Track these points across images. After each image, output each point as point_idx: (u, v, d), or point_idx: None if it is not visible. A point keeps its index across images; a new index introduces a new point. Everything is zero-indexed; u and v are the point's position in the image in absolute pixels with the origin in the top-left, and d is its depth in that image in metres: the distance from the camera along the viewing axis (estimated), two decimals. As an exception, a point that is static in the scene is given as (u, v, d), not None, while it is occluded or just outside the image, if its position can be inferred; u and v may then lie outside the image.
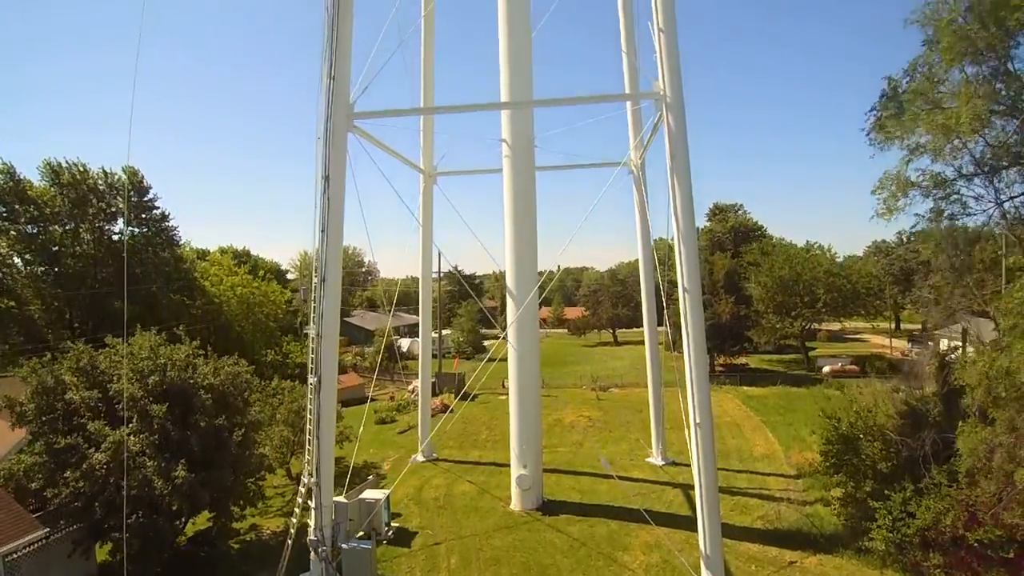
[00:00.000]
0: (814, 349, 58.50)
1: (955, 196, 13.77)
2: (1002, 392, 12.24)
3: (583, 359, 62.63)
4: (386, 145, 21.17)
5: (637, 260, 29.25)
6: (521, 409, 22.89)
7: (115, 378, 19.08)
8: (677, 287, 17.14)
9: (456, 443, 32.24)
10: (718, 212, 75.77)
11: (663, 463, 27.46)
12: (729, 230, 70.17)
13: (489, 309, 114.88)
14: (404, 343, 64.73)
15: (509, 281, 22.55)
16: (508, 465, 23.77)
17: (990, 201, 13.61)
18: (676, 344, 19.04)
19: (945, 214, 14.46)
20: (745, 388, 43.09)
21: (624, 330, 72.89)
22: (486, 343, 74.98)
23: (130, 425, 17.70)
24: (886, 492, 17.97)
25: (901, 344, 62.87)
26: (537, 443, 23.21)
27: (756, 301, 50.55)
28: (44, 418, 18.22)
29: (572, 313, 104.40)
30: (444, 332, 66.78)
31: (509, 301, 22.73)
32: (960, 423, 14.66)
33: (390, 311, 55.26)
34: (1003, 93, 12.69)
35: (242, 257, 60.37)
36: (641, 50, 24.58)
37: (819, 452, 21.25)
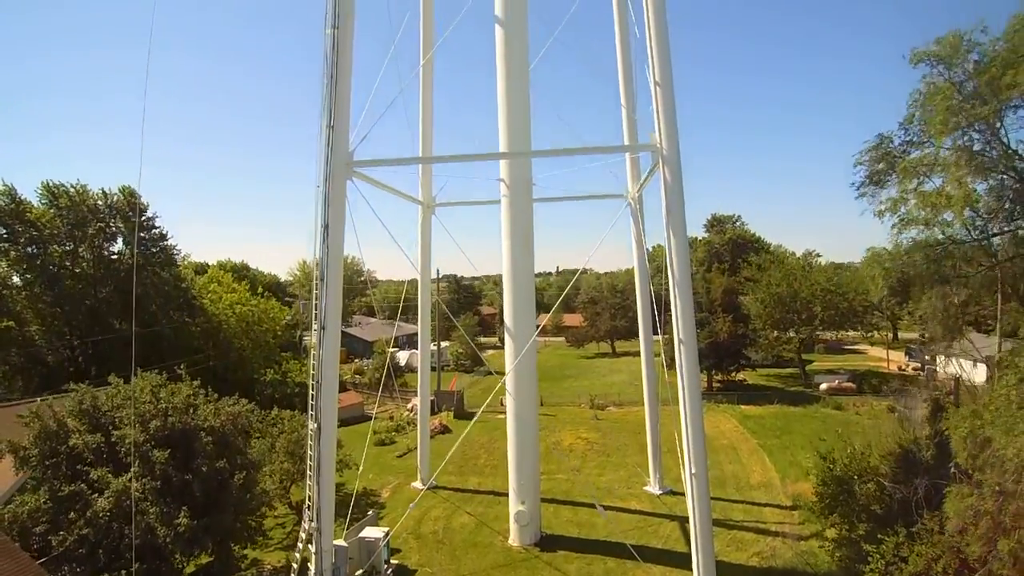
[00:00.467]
0: (811, 362, 58.75)
1: (947, 260, 14.03)
2: (981, 462, 12.49)
3: (581, 372, 62.85)
4: (385, 184, 21.37)
5: (635, 267, 29.18)
6: (519, 445, 23.12)
7: (117, 420, 19.31)
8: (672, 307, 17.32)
9: (455, 467, 32.42)
10: (716, 224, 76.18)
11: (660, 492, 27.68)
12: (727, 242, 70.59)
13: (487, 316, 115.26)
14: (403, 356, 64.90)
15: (507, 317, 22.76)
16: (506, 494, 23.97)
17: (981, 264, 13.85)
18: (672, 363, 19.23)
19: (936, 276, 14.70)
20: (743, 407, 43.30)
21: (622, 342, 73.06)
22: (484, 354, 75.27)
23: (132, 470, 17.89)
24: (879, 536, 18.19)
25: (898, 356, 63.19)
26: (535, 478, 23.44)
27: (753, 317, 50.81)
28: (48, 462, 18.41)
29: (571, 319, 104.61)
30: (443, 344, 66.98)
31: (507, 340, 22.94)
32: (948, 484, 14.88)
33: (389, 320, 55.43)
34: (992, 159, 12.94)
35: (241, 271, 60.46)
36: (639, 99, 24.90)
37: (814, 493, 21.45)
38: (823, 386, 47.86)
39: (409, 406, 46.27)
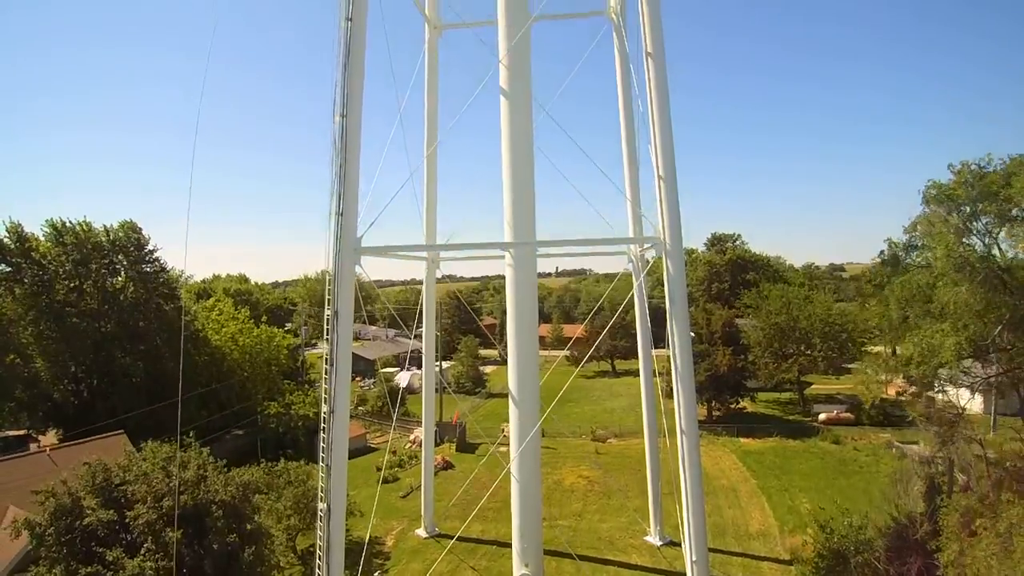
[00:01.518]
0: (811, 384, 59.09)
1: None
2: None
3: (582, 395, 63.28)
4: (393, 252, 21.64)
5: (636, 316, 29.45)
6: (522, 508, 23.45)
7: (129, 491, 19.73)
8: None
9: (458, 511, 32.83)
10: (716, 242, 76.63)
11: (660, 543, 28.13)
12: (727, 263, 71.01)
13: (487, 326, 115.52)
14: (403, 378, 65.18)
15: (512, 385, 23.07)
16: (509, 545, 24.34)
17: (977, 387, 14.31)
18: (671, 392, 19.49)
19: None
20: (742, 440, 43.78)
21: (622, 361, 73.51)
22: (485, 371, 75.68)
23: (144, 548, 18.30)
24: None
25: (898, 378, 63.61)
26: (538, 541, 23.80)
27: (752, 345, 51.26)
28: (63, 538, 18.81)
29: (571, 330, 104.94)
30: (444, 364, 67.41)
31: (511, 408, 23.25)
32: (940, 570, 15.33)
33: (392, 333, 55.74)
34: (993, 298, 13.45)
35: (244, 295, 60.74)
36: (643, 190, 25.26)
37: (811, 563, 21.90)
38: (822, 416, 48.32)
39: (412, 437, 46.68)
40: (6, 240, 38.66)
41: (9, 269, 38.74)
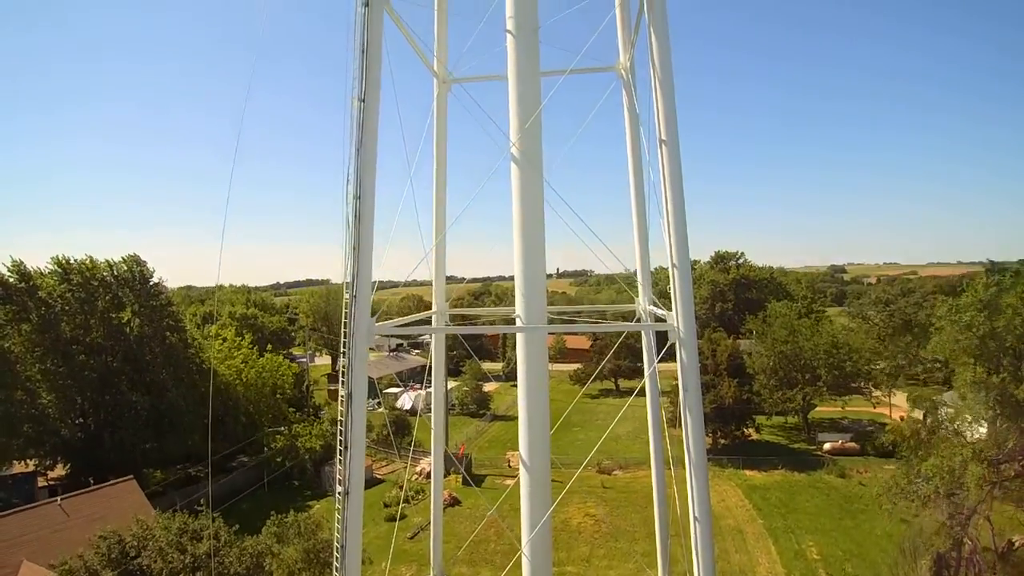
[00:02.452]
0: (815, 405, 59.12)
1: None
2: None
3: (587, 418, 63.33)
4: (405, 335, 21.61)
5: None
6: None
7: (145, 565, 19.82)
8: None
9: (466, 554, 32.95)
10: (720, 261, 76.66)
11: (669, 595, 28.16)
12: (731, 282, 71.05)
13: (490, 337, 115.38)
14: (407, 399, 65.15)
15: (523, 453, 23.05)
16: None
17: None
18: (674, 420, 19.38)
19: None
20: (747, 473, 43.86)
21: (626, 380, 73.55)
22: (487, 389, 75.71)
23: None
24: None
25: (902, 397, 63.62)
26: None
27: (757, 371, 51.33)
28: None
29: (575, 341, 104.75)
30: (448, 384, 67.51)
31: (523, 494, 23.22)
32: None
33: (394, 351, 55.67)
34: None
35: (248, 319, 60.69)
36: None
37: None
38: (827, 446, 48.41)
39: (419, 469, 46.75)
40: (11, 279, 38.65)
41: (15, 308, 38.62)
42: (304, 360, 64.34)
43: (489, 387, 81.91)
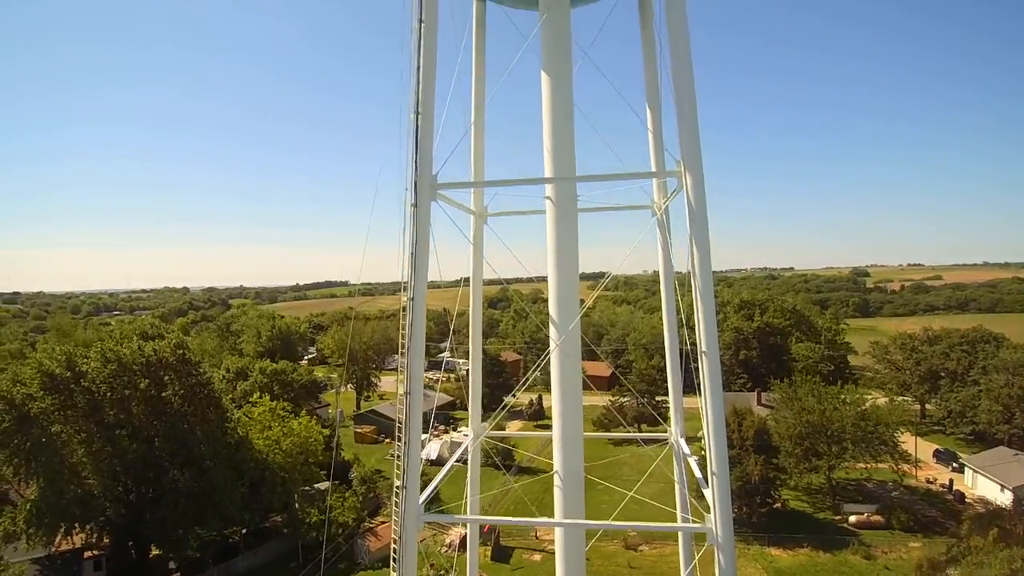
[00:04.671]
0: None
1: None
2: None
3: (611, 473, 63.59)
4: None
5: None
6: None
7: None
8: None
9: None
10: (744, 307, 76.55)
11: None
12: (755, 330, 71.00)
13: (511, 362, 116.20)
14: (432, 448, 66.03)
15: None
16: None
17: None
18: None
19: None
20: (772, 552, 44.22)
21: (649, 427, 73.91)
22: (509, 427, 76.47)
23: None
24: None
25: (926, 450, 63.37)
26: None
27: (783, 438, 51.50)
28: None
29: (594, 369, 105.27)
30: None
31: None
32: None
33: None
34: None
35: (279, 375, 61.90)
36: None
37: None
38: (852, 519, 48.56)
39: (447, 541, 47.67)
40: (58, 369, 40.14)
41: (62, 396, 40.14)
42: (331, 408, 65.59)
43: (512, 425, 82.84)
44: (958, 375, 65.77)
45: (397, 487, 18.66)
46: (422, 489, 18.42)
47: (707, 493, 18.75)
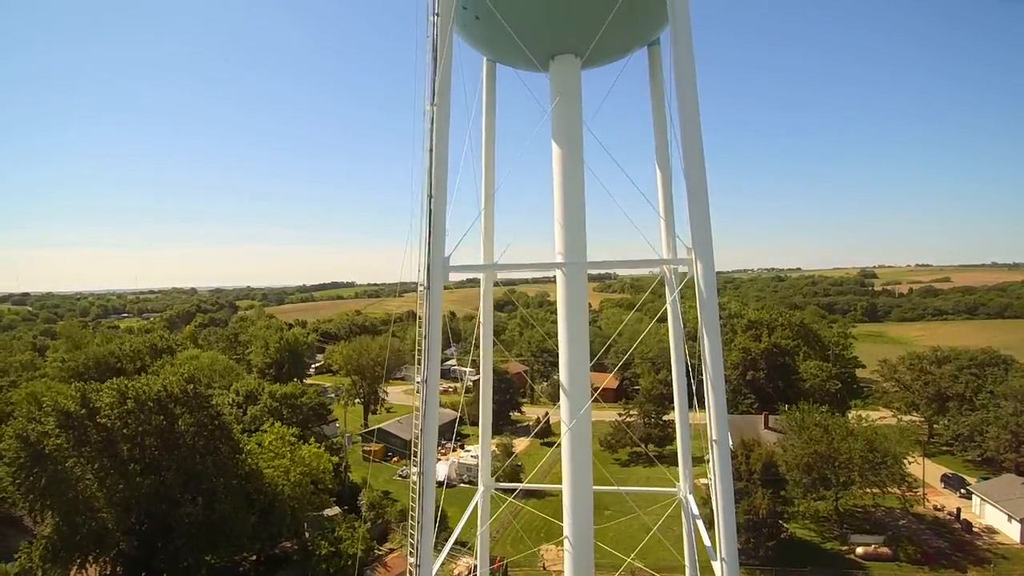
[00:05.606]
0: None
1: None
2: None
3: (616, 500, 63.93)
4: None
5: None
6: None
7: None
8: None
9: None
10: (751, 327, 76.52)
11: None
12: (763, 351, 70.99)
13: (516, 375, 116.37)
14: (440, 469, 66.37)
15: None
16: None
17: None
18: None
19: None
20: (779, 587, 44.43)
21: (656, 448, 74.09)
22: (514, 445, 76.70)
23: None
24: None
25: (934, 473, 63.22)
26: None
27: (791, 467, 51.56)
28: None
29: (600, 379, 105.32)
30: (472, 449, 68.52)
31: None
32: None
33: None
34: None
35: (289, 399, 62.35)
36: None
37: None
38: (859, 550, 48.61)
39: (456, 572, 48.01)
40: (73, 407, 40.67)
41: (77, 434, 40.66)
42: (338, 423, 65.91)
43: (520, 444, 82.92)
44: (966, 398, 65.64)
45: (411, 553, 18.93)
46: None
47: (716, 566, 19.02)
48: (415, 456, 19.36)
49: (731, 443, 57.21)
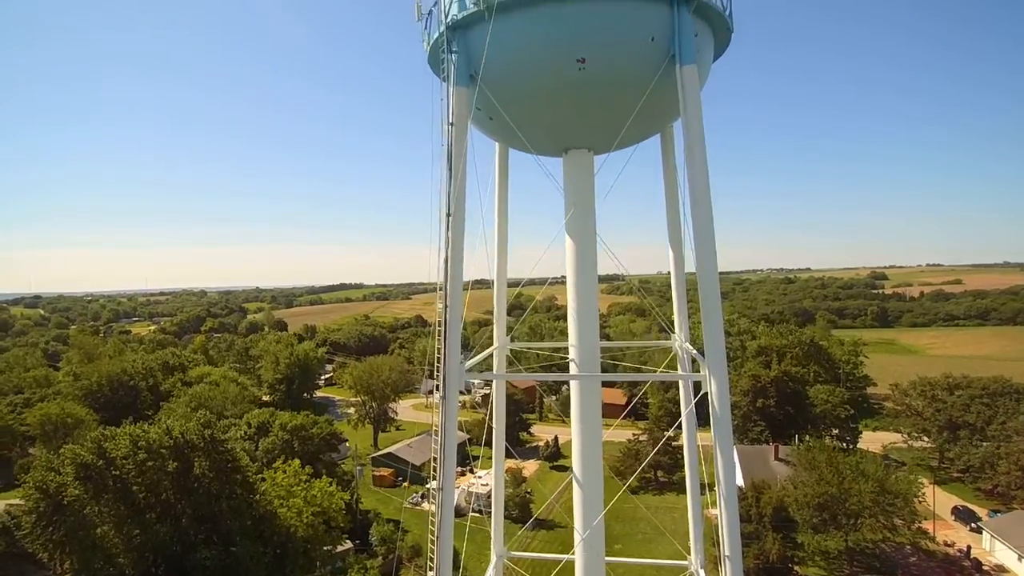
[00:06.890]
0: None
1: None
2: None
3: (628, 528, 64.28)
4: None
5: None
6: None
7: None
8: None
9: None
10: (761, 353, 76.40)
11: None
12: (772, 379, 70.92)
13: (526, 389, 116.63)
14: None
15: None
16: None
17: None
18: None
19: None
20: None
21: (667, 473, 74.22)
22: (523, 470, 77.00)
23: None
24: None
25: (944, 504, 63.02)
26: None
27: (799, 506, 51.56)
28: None
29: (609, 396, 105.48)
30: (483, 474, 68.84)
31: None
32: None
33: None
34: None
35: (299, 430, 62.90)
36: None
37: None
38: (870, 594, 48.68)
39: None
40: (90, 458, 41.28)
41: (94, 483, 41.28)
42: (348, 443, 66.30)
43: (529, 468, 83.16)
44: (978, 428, 65.39)
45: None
46: None
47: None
48: (431, 563, 19.83)
49: (741, 482, 57.28)
